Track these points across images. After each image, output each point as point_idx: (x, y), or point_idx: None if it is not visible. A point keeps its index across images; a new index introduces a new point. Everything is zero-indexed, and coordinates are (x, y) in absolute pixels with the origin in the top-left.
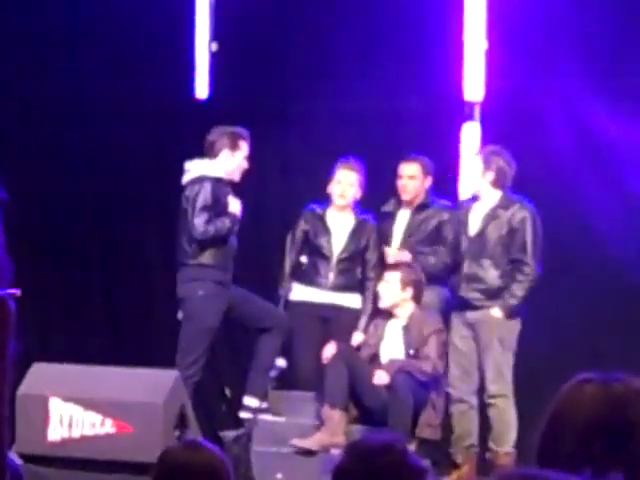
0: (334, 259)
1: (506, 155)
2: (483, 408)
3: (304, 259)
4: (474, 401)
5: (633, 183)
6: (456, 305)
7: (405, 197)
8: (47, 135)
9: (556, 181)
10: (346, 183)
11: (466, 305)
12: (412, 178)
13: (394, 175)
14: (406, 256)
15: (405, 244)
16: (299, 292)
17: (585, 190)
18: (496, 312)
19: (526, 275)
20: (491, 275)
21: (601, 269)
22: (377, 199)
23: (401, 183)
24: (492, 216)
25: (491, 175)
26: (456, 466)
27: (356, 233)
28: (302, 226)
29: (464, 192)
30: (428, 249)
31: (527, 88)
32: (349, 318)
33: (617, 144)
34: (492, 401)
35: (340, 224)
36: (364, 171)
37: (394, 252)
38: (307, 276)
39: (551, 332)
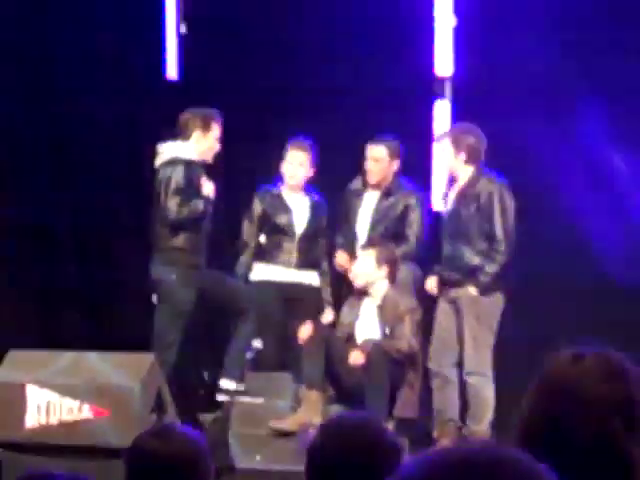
0: (297, 237)
1: (475, 131)
2: (464, 385)
3: (262, 239)
4: (453, 375)
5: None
6: (440, 282)
7: (370, 180)
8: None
9: (527, 158)
10: (296, 163)
11: (448, 282)
12: (378, 161)
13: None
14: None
15: (373, 231)
16: (261, 271)
17: (558, 168)
18: (472, 290)
19: (497, 252)
20: (467, 254)
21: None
22: (347, 179)
23: (367, 165)
24: (462, 195)
25: (464, 155)
26: (434, 441)
27: (314, 212)
28: (258, 206)
29: (437, 172)
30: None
31: (497, 63)
32: (313, 296)
33: (592, 120)
34: (468, 378)
35: (298, 203)
36: (314, 149)
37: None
38: (269, 255)
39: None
